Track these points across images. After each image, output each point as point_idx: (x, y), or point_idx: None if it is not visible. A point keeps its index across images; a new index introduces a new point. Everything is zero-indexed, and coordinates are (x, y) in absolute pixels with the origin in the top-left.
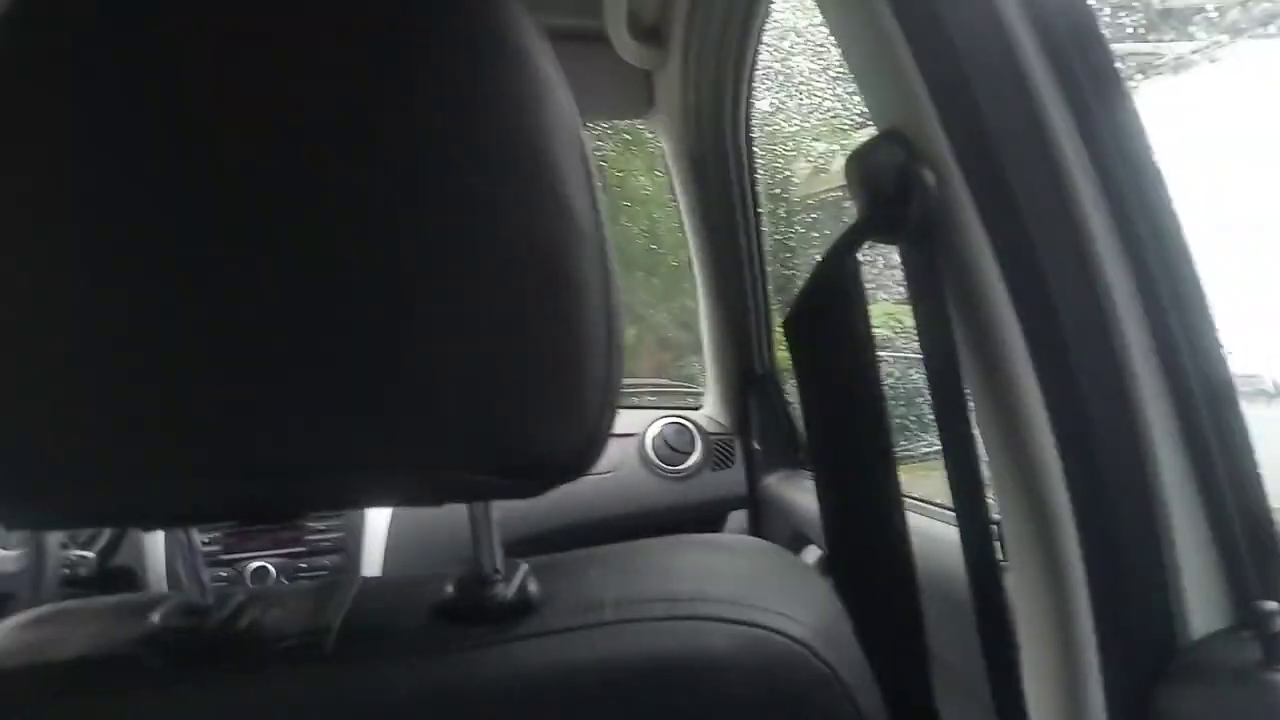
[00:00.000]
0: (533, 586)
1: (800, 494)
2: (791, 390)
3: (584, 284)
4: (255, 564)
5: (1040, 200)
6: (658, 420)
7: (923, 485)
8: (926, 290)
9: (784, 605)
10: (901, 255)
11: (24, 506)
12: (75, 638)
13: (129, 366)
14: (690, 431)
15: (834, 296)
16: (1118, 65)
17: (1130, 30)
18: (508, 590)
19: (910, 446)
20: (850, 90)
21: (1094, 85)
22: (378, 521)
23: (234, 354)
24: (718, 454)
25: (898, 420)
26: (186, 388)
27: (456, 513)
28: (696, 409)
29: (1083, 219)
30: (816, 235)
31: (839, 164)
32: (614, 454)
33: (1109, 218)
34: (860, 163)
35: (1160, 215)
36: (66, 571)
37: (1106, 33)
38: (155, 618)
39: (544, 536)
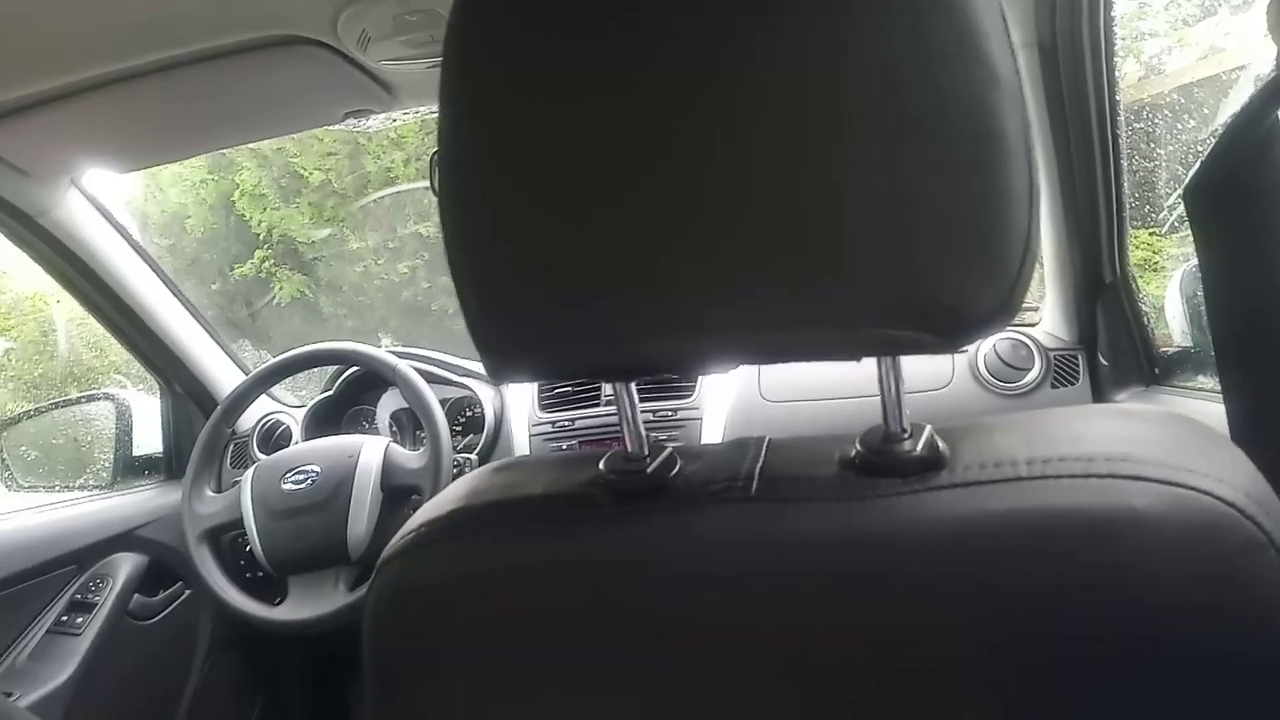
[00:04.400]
0: (940, 444)
1: None
2: (1147, 301)
3: (1003, 133)
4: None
5: None
6: (990, 336)
7: None
8: None
9: (1211, 468)
10: None
11: (512, 360)
12: (537, 480)
13: (595, 247)
14: (1028, 346)
15: (1248, 164)
16: None
17: None
18: (915, 447)
19: None
20: None
21: None
22: (715, 427)
23: (683, 225)
24: (1059, 370)
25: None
26: (648, 258)
27: (790, 420)
28: (1033, 325)
29: None
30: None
31: (1174, 64)
32: (943, 369)
33: None
34: None
35: None
36: (456, 470)
37: None
38: (601, 465)
39: None
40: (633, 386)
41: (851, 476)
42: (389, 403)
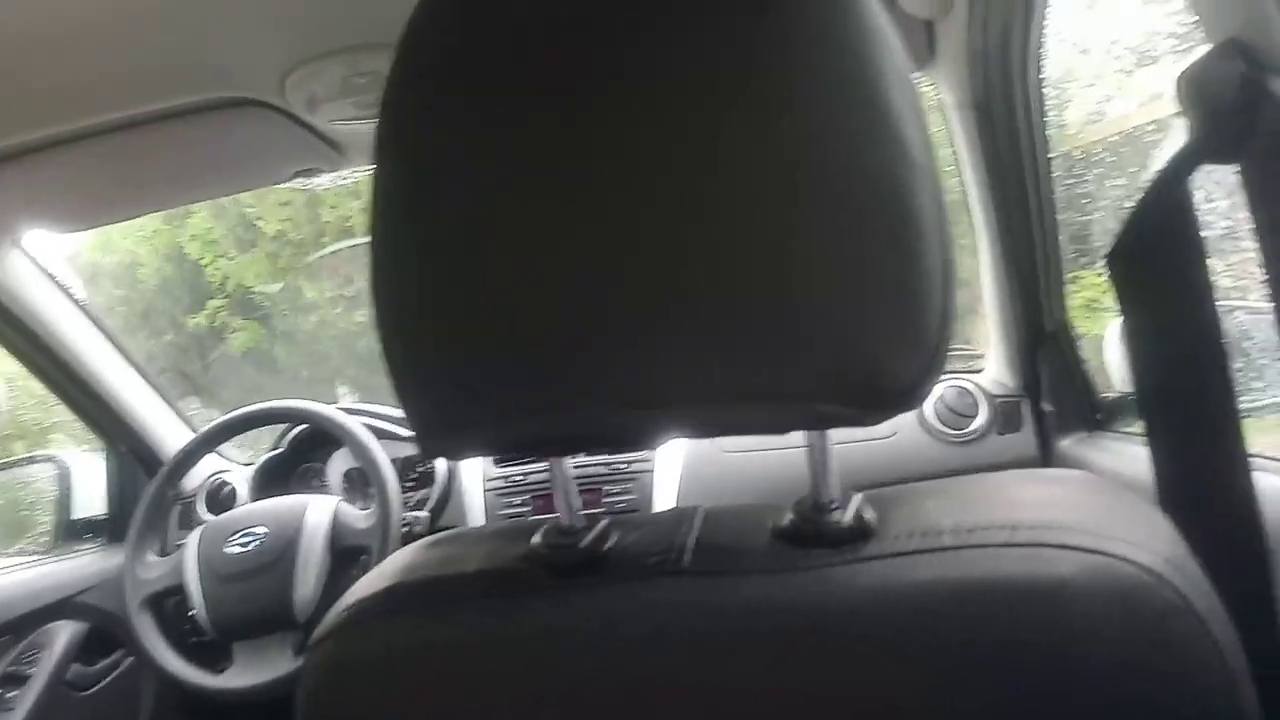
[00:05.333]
0: (869, 513)
1: (1103, 456)
2: (1086, 347)
3: (920, 213)
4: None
5: None
6: (937, 383)
7: (1261, 442)
8: (1277, 217)
9: (1131, 534)
10: (1243, 179)
11: (443, 438)
12: (472, 555)
13: (530, 319)
14: (973, 394)
15: (1165, 226)
16: None
17: None
18: (845, 516)
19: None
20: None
21: None
22: (668, 485)
23: (624, 300)
24: (1004, 417)
25: None
26: (582, 332)
27: (741, 474)
28: (977, 372)
29: None
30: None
31: (1115, 110)
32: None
33: None
34: (1194, 79)
35: None
36: (405, 529)
37: None
38: (536, 539)
39: None
40: (568, 459)
41: (783, 547)
42: (341, 460)
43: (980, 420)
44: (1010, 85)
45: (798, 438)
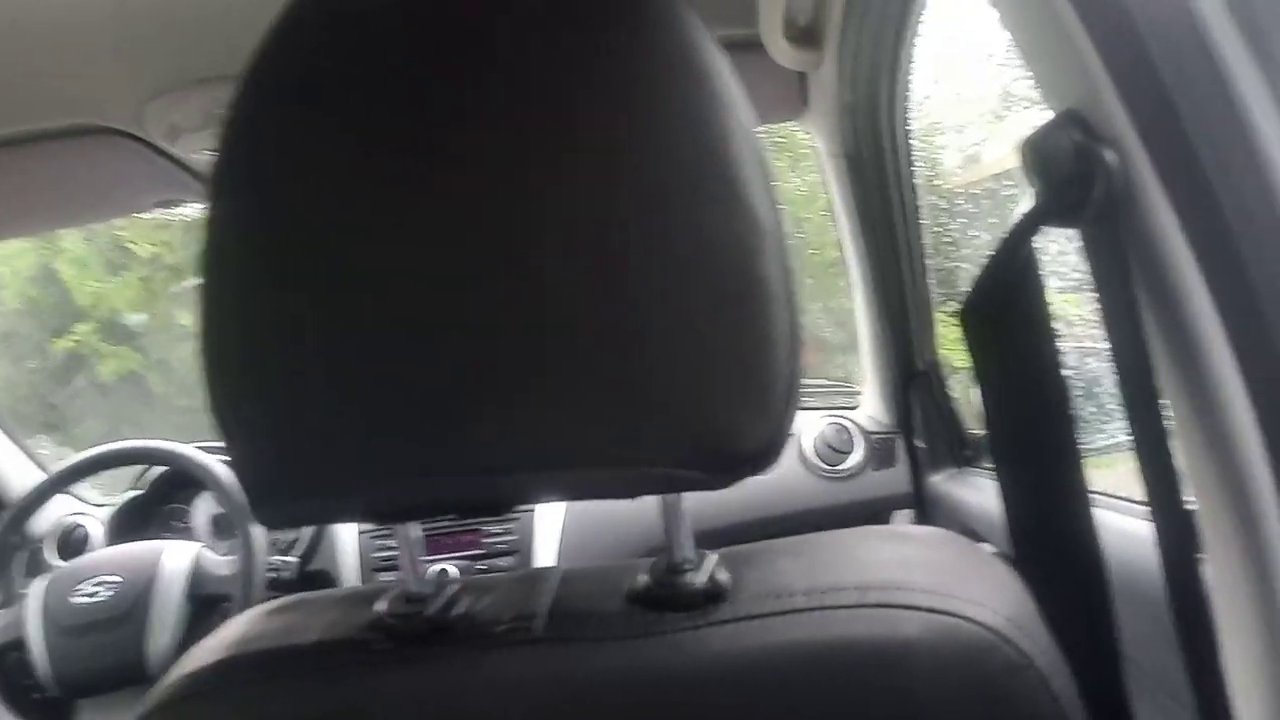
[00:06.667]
0: (723, 575)
1: (970, 492)
2: (955, 386)
3: (767, 280)
4: (436, 566)
5: (1235, 178)
6: (816, 420)
7: (1103, 479)
8: (1112, 276)
9: (975, 593)
10: (1083, 241)
11: (278, 506)
12: (313, 624)
13: (374, 381)
14: (849, 431)
15: (1012, 284)
16: None
17: None
18: (699, 578)
19: (1088, 439)
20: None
21: None
22: (550, 524)
23: (464, 364)
24: (879, 453)
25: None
26: (423, 396)
27: (624, 513)
28: (853, 408)
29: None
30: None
31: (991, 153)
32: None
33: None
34: (1035, 146)
35: None
36: (271, 575)
37: None
38: (381, 605)
39: (707, 539)
40: (413, 524)
41: (638, 611)
42: (207, 502)
43: (856, 457)
44: (879, 135)
45: None
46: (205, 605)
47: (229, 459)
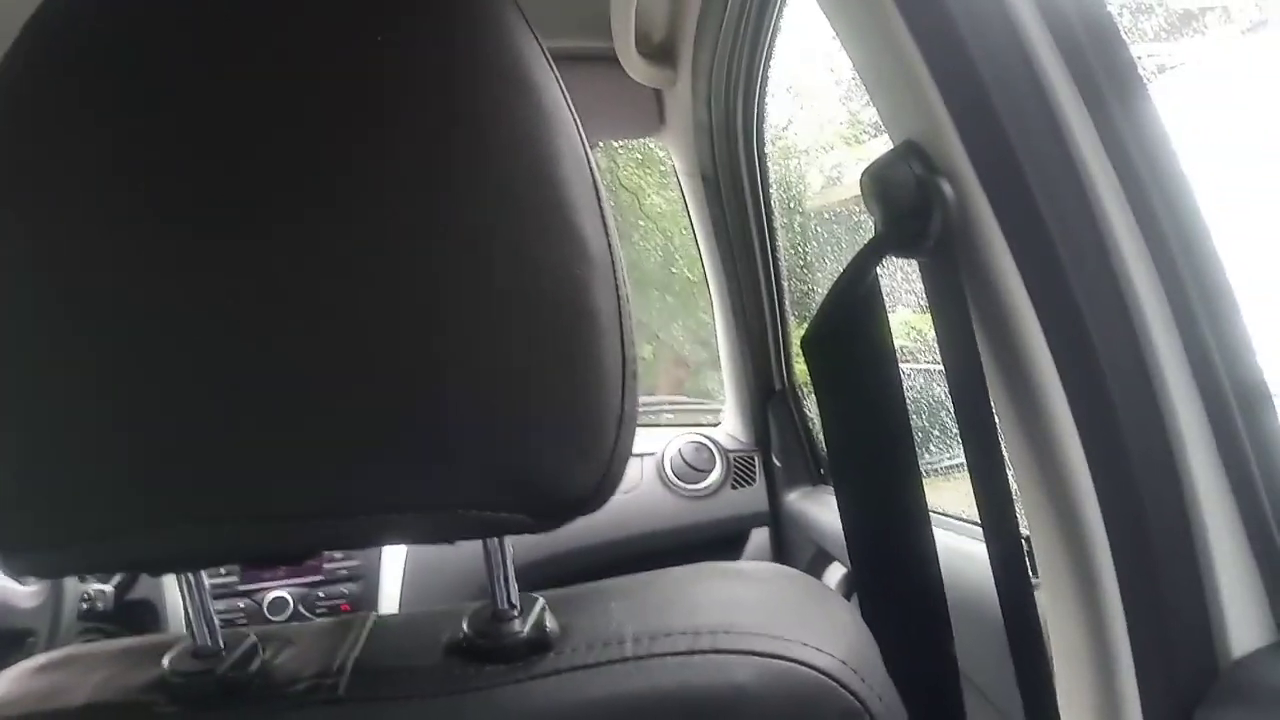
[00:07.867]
0: (549, 622)
1: (822, 510)
2: (811, 406)
3: (596, 312)
4: (273, 594)
5: (1063, 209)
6: (676, 438)
7: (945, 498)
8: (949, 304)
9: (809, 636)
10: (922, 269)
11: (32, 556)
12: (85, 684)
13: (141, 416)
14: (709, 449)
15: (854, 313)
16: (1138, 67)
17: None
18: (524, 626)
19: (933, 460)
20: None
21: (1114, 88)
22: (396, 551)
23: (247, 400)
24: (738, 471)
25: (919, 433)
26: (199, 434)
27: (474, 542)
28: (715, 425)
29: (1106, 226)
30: (832, 249)
31: (851, 176)
32: (632, 473)
33: (1133, 223)
34: (876, 177)
35: (1186, 220)
36: (85, 606)
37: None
38: (165, 662)
39: (562, 559)
40: (201, 574)
41: (455, 664)
42: None
43: (715, 475)
44: (735, 156)
45: None
46: (7, 642)
47: None
